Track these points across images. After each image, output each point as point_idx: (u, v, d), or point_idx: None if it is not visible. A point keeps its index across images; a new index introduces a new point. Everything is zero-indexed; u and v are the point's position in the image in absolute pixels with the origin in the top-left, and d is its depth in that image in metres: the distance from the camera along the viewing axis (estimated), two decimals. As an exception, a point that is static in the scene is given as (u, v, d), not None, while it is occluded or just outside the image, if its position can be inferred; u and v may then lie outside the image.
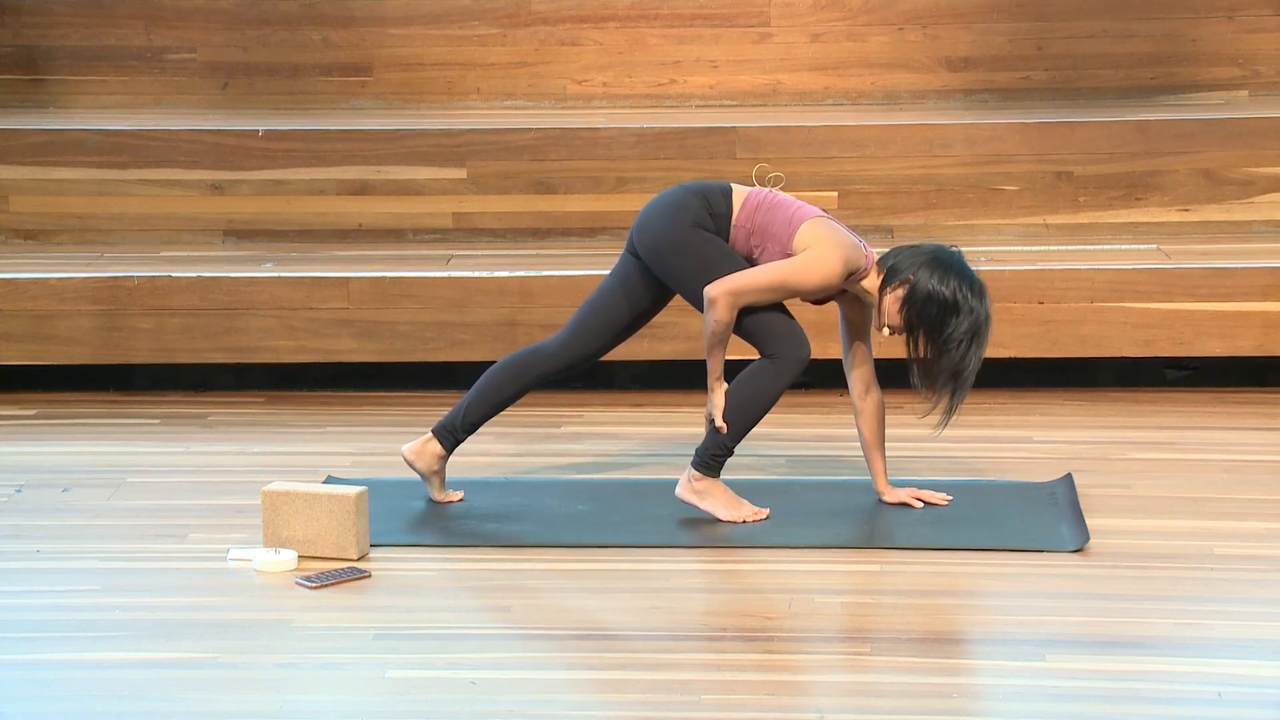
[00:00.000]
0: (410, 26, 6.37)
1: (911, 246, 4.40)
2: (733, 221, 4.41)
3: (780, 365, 4.35)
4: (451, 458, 4.58)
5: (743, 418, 4.38)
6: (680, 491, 4.45)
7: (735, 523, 4.38)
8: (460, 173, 5.93)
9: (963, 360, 4.31)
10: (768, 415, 4.41)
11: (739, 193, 4.44)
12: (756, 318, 4.37)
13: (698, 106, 6.35)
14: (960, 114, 6.09)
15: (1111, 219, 5.86)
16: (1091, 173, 5.85)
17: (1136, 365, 5.58)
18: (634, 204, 5.96)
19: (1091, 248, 5.75)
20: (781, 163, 5.90)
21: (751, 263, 4.42)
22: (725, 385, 4.38)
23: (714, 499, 4.42)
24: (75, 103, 6.40)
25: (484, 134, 5.94)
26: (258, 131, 5.96)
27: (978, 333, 4.33)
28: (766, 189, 4.46)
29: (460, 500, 4.58)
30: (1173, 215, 5.85)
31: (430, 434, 4.55)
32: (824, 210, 4.48)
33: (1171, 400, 5.42)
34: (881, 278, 4.36)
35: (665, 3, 6.38)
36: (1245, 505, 4.56)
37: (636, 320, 4.52)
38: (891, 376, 4.60)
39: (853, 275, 4.36)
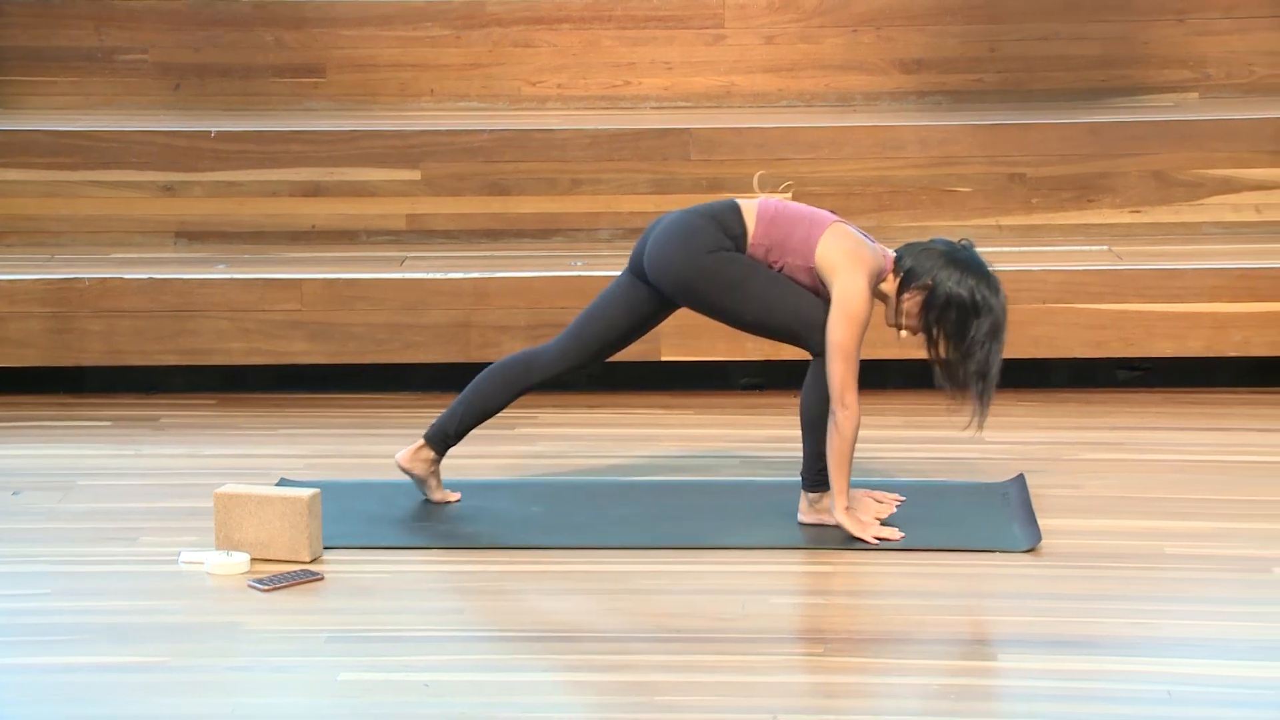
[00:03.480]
0: (363, 28, 6.35)
1: (924, 245, 4.35)
2: (749, 240, 4.36)
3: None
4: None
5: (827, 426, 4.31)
6: (803, 516, 4.39)
7: (864, 540, 4.30)
8: (414, 174, 5.91)
9: (987, 360, 4.30)
10: (726, 419, 4.41)
11: (748, 209, 4.38)
12: (792, 316, 4.30)
13: (652, 108, 6.36)
14: (913, 116, 6.11)
15: (1063, 220, 5.89)
16: (1043, 174, 5.88)
17: (1088, 366, 5.60)
18: (588, 206, 5.98)
19: (1043, 249, 5.77)
20: (736, 164, 5.92)
21: (761, 259, 4.36)
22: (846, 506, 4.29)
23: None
24: (25, 103, 6.36)
25: (438, 135, 5.93)
26: (210, 133, 5.93)
27: (997, 331, 4.31)
28: (775, 199, 4.43)
29: (458, 500, 4.57)
30: (1124, 217, 5.88)
31: (422, 440, 4.53)
32: (833, 212, 4.45)
33: (1123, 401, 5.45)
34: (899, 280, 4.34)
35: (619, 4, 6.38)
36: (1195, 505, 4.59)
37: (636, 331, 4.49)
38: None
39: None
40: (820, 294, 4.37)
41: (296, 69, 6.35)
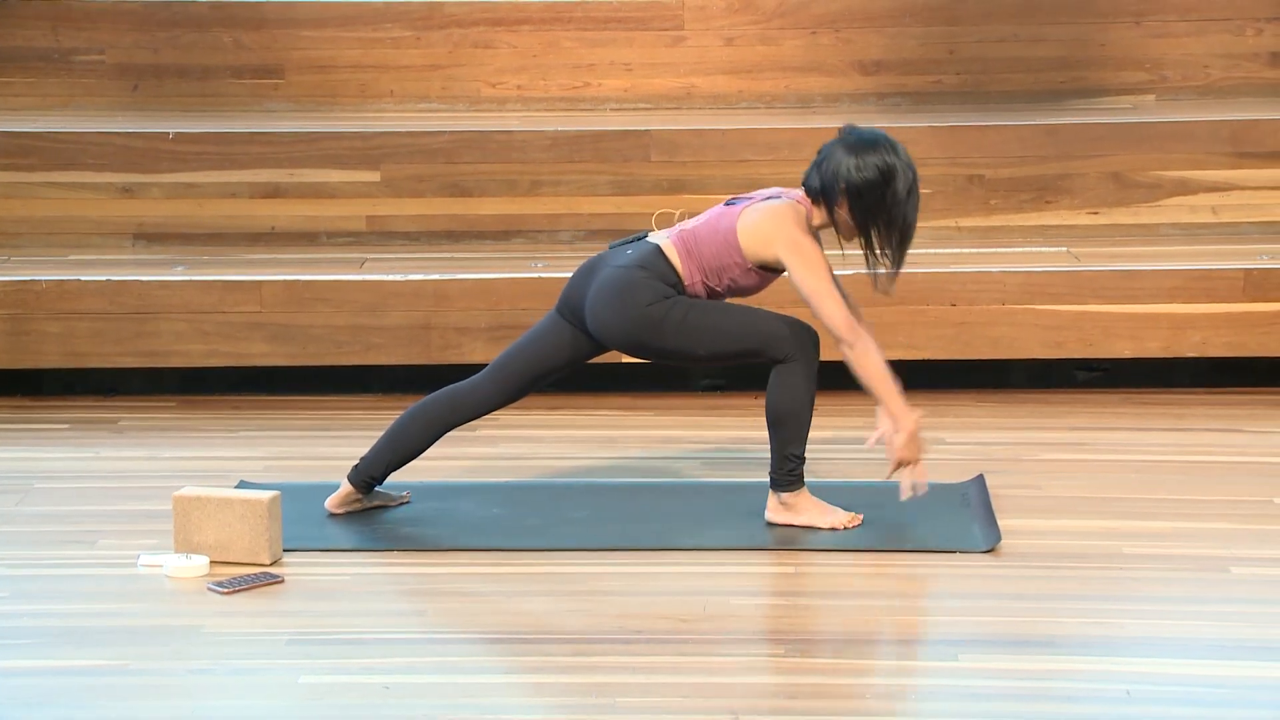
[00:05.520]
0: (323, 29, 6.33)
1: (815, 162, 4.33)
2: (685, 283, 4.37)
3: (799, 360, 4.31)
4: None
5: (796, 423, 4.32)
6: (770, 515, 4.40)
7: (836, 529, 4.34)
8: (374, 175, 5.90)
9: (907, 217, 4.29)
10: (687, 420, 4.41)
11: (669, 250, 4.36)
12: (745, 336, 4.32)
13: (612, 109, 6.36)
14: (873, 117, 6.13)
15: (1022, 222, 5.91)
16: (1002, 176, 5.90)
17: (1047, 367, 5.63)
18: (548, 207, 5.98)
19: (1003, 250, 5.79)
20: (696, 165, 5.92)
21: (720, 296, 4.39)
22: (917, 413, 4.31)
23: (807, 511, 4.39)
24: (-19, 104, 6.33)
25: (397, 137, 5.92)
26: (169, 134, 5.91)
27: (912, 186, 4.30)
28: (677, 226, 4.43)
29: (409, 499, 4.55)
30: (1082, 218, 5.91)
31: (348, 483, 4.51)
32: (725, 198, 4.45)
33: (1082, 401, 5.48)
34: (823, 205, 4.33)
35: (579, 6, 6.38)
36: (1154, 505, 4.61)
37: (565, 368, 4.49)
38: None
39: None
40: (771, 277, 4.38)
41: (256, 70, 6.33)
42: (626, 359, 5.39)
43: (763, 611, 4.06)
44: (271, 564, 4.21)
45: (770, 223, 4.32)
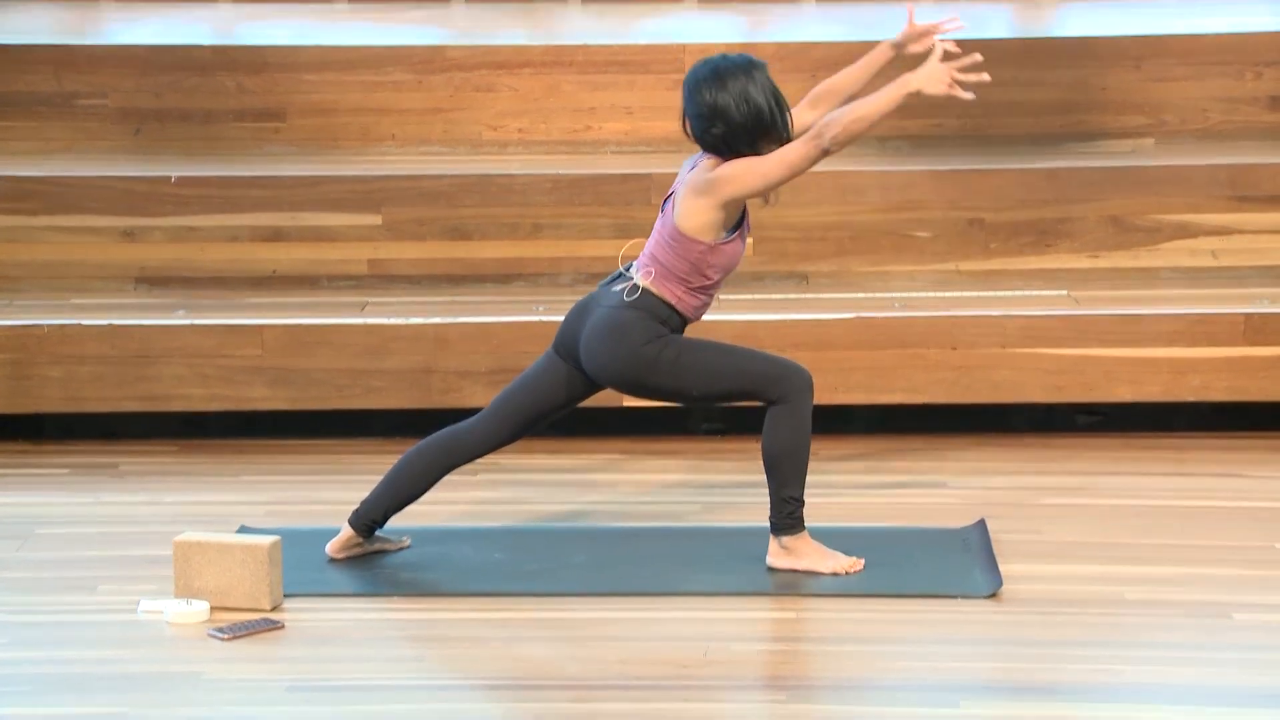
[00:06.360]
0: (325, 72, 6.35)
1: (687, 124, 4.32)
2: (677, 310, 4.38)
3: (792, 401, 4.32)
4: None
5: (793, 465, 4.33)
6: (772, 560, 4.39)
7: (838, 574, 4.34)
8: (375, 219, 5.91)
9: (756, 102, 4.28)
10: (688, 464, 4.41)
11: (648, 280, 4.36)
12: (738, 376, 4.33)
13: (613, 153, 6.37)
14: (874, 161, 6.14)
15: (1022, 265, 5.92)
16: (1002, 220, 5.91)
17: (1048, 411, 5.63)
18: (549, 250, 5.98)
19: (1003, 294, 5.80)
20: (696, 209, 5.92)
21: (718, 286, 4.37)
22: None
23: (808, 556, 4.38)
24: (-15, 149, 6.34)
25: (399, 180, 5.93)
26: (170, 178, 5.92)
27: (752, 72, 4.32)
28: (641, 256, 4.41)
29: (409, 544, 4.55)
30: (1082, 262, 5.92)
31: (349, 528, 4.51)
32: (663, 205, 4.43)
33: (1083, 446, 5.47)
34: (723, 159, 4.30)
35: (580, 49, 6.40)
36: (1155, 550, 4.61)
37: (562, 408, 4.49)
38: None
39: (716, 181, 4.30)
40: (741, 230, 4.36)
41: (258, 113, 6.34)
42: (627, 401, 5.39)
43: (764, 657, 4.05)
44: (272, 609, 4.20)
45: (693, 196, 4.31)
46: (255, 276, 5.90)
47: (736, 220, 4.38)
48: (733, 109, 4.28)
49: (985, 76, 4.31)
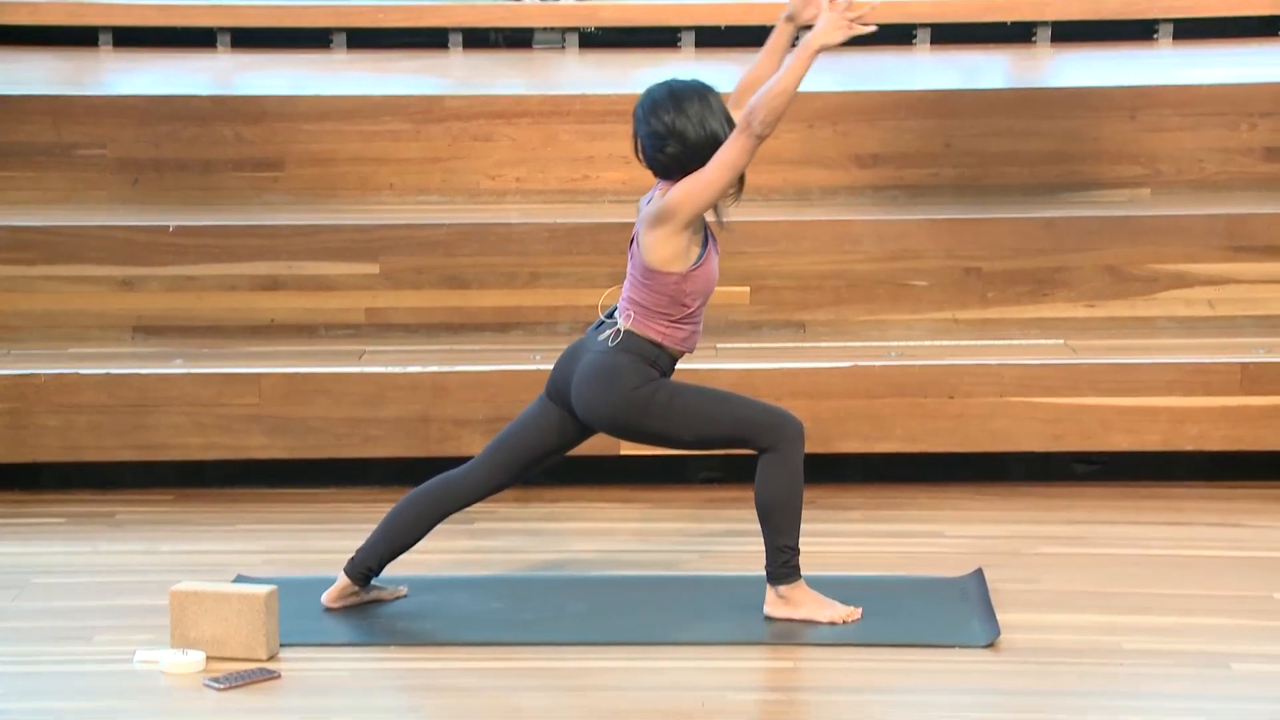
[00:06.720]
0: (323, 122, 6.37)
1: (640, 150, 4.36)
2: (665, 348, 4.39)
3: (783, 450, 4.32)
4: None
5: (786, 514, 4.33)
6: (769, 609, 4.39)
7: (835, 623, 4.34)
8: (373, 268, 5.92)
9: (706, 123, 4.31)
10: (685, 512, 4.40)
11: (630, 322, 4.37)
12: (730, 423, 4.34)
13: (610, 202, 6.39)
14: (870, 210, 6.16)
15: (1019, 314, 5.93)
16: (999, 269, 5.93)
17: (1045, 460, 5.62)
18: (547, 299, 5.99)
19: (999, 343, 5.81)
20: (693, 259, 5.93)
21: (699, 309, 4.38)
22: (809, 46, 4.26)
23: (805, 605, 4.38)
24: (-17, 198, 6.36)
25: (397, 229, 5.95)
26: (168, 227, 5.93)
27: (685, 103, 4.33)
28: (620, 300, 4.43)
29: (406, 594, 4.54)
30: (1079, 311, 5.93)
31: (345, 577, 4.51)
32: (630, 245, 4.44)
33: (1080, 495, 5.47)
34: (675, 179, 4.34)
35: (578, 99, 6.42)
36: (1154, 599, 4.60)
37: (556, 453, 4.49)
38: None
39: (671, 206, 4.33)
40: (709, 250, 4.38)
41: (255, 163, 6.36)
42: (625, 450, 5.39)
43: (760, 707, 4.04)
44: (268, 659, 4.19)
45: (651, 229, 4.34)
46: (253, 325, 5.91)
47: (701, 241, 4.40)
48: (690, 131, 4.32)
49: (874, 1, 4.31)
